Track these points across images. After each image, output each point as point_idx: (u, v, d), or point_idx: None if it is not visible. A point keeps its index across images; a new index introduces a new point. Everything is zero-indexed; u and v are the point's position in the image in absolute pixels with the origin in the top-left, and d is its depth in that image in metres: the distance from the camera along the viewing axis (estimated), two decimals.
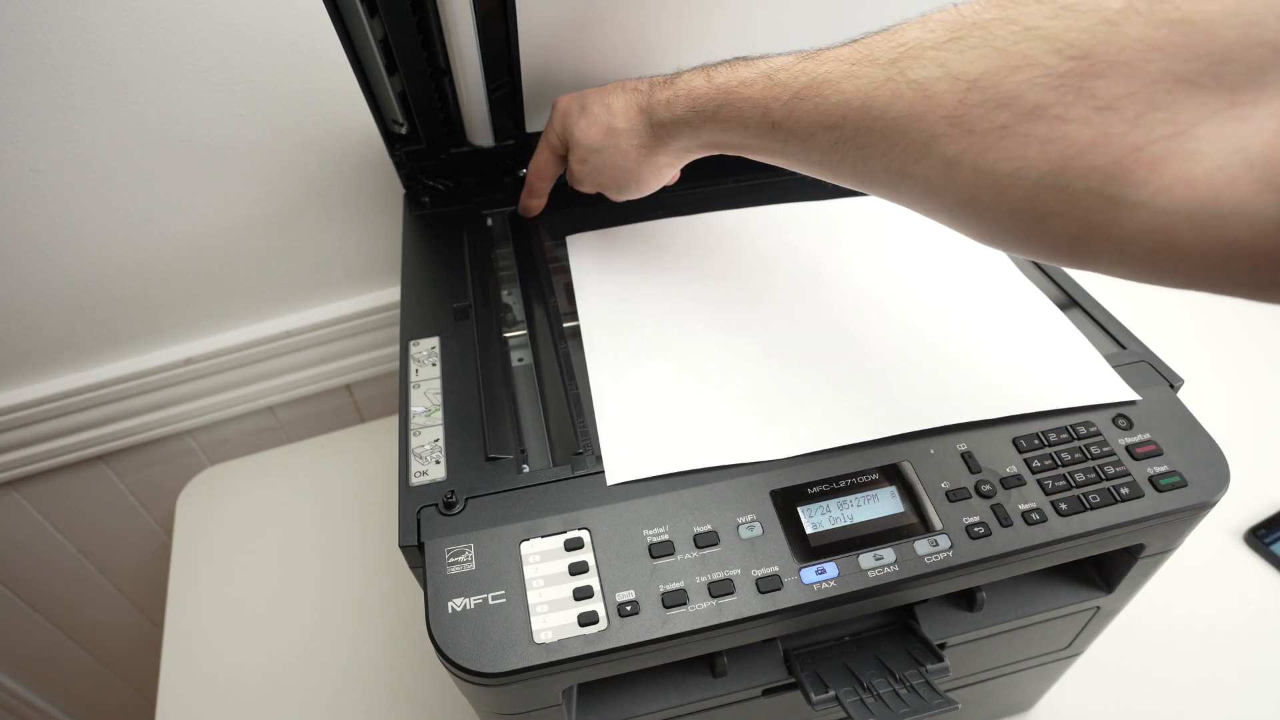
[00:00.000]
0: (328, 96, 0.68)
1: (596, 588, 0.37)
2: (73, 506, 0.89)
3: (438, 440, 0.44)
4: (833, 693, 0.41)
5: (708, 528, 0.39)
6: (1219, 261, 0.26)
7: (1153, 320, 0.58)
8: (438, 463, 0.42)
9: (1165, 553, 0.46)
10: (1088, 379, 0.45)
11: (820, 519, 0.40)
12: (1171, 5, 0.26)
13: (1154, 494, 0.41)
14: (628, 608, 0.37)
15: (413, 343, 0.49)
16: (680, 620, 0.37)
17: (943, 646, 0.46)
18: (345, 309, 0.84)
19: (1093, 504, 0.41)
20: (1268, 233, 0.25)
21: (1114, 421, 0.44)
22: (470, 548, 0.38)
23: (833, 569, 0.38)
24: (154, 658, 0.72)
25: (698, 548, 0.39)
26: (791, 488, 0.41)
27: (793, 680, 0.43)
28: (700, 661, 0.44)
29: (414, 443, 0.43)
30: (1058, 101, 0.28)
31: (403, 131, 0.59)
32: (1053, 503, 0.41)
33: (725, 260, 0.56)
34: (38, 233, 0.67)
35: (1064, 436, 0.43)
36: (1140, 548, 0.44)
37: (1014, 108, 0.29)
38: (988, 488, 0.41)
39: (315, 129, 0.70)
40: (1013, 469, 0.42)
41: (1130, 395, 0.44)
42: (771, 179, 0.64)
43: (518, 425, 0.46)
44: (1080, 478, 0.42)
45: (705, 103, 0.42)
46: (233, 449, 0.92)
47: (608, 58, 0.53)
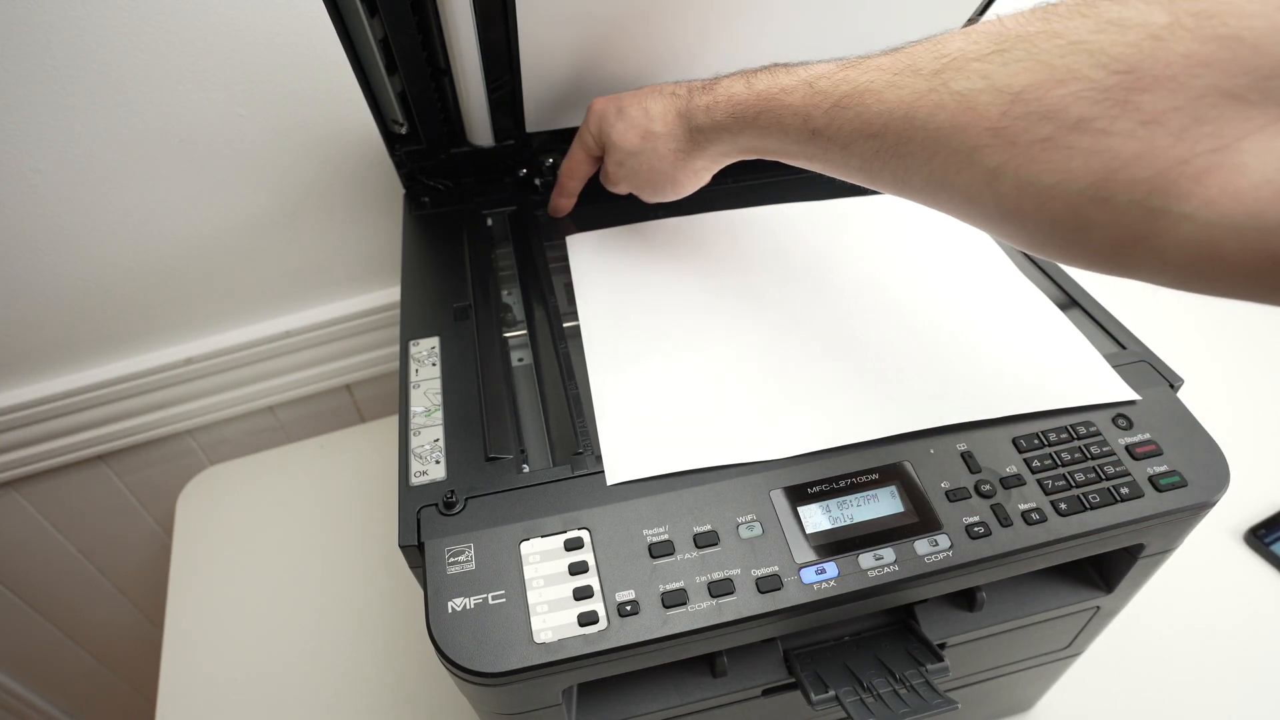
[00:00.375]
0: (328, 96, 0.68)
1: (596, 588, 0.37)
2: (73, 506, 0.89)
3: (438, 440, 0.44)
4: (833, 693, 0.41)
5: (708, 528, 0.39)
6: (1263, 273, 0.27)
7: (1153, 320, 0.58)
8: (438, 463, 0.42)
9: (1165, 553, 0.46)
10: (1088, 379, 0.45)
11: (820, 519, 0.40)
12: (1219, 21, 0.26)
13: (1154, 494, 0.41)
14: (628, 608, 0.37)
15: (413, 343, 0.49)
16: (680, 620, 0.37)
17: (943, 646, 0.46)
18: (345, 309, 0.84)
19: (1093, 504, 0.41)
20: None
21: (1114, 421, 0.44)
22: (470, 548, 0.38)
23: (833, 569, 0.38)
24: (154, 658, 0.72)
25: (698, 548, 0.39)
26: (791, 488, 0.41)
27: (793, 680, 0.43)
28: (700, 661, 0.44)
29: (414, 443, 0.43)
30: (1102, 115, 0.28)
31: (403, 131, 0.59)
32: (1053, 503, 0.41)
33: (725, 260, 0.55)
34: (38, 233, 0.67)
35: (1064, 436, 0.43)
36: (1140, 548, 0.44)
37: (1058, 120, 0.29)
38: (988, 487, 0.41)
39: (315, 129, 0.70)
40: (1013, 469, 0.42)
41: (1130, 395, 0.44)
42: (772, 179, 0.64)
43: (518, 425, 0.46)
44: (1080, 477, 0.42)
45: (745, 109, 0.42)
46: (233, 449, 0.92)
47: (608, 57, 0.53)
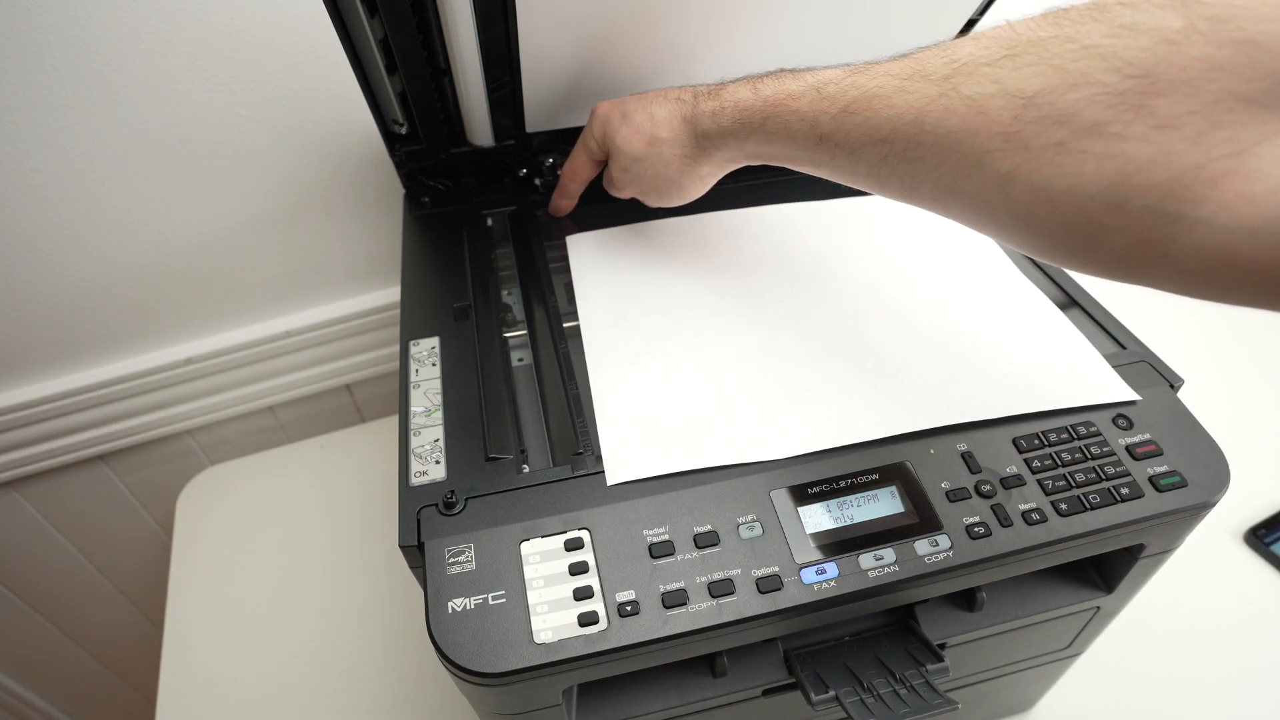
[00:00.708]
0: (328, 96, 0.68)
1: (596, 588, 0.37)
2: (73, 506, 0.89)
3: (438, 440, 0.44)
4: (833, 693, 0.41)
5: (708, 528, 0.39)
6: (1277, 279, 0.27)
7: (1153, 320, 0.58)
8: (438, 463, 0.42)
9: (1165, 553, 0.46)
10: (1088, 379, 0.45)
11: (821, 519, 0.40)
12: (1234, 26, 0.26)
13: (1154, 494, 0.41)
14: (628, 608, 0.37)
15: (413, 343, 0.49)
16: (680, 620, 0.37)
17: (943, 646, 0.46)
18: (345, 309, 0.84)
19: (1093, 504, 0.41)
20: None
21: (1114, 421, 0.44)
22: (470, 548, 0.38)
23: (833, 569, 0.38)
24: (154, 658, 0.72)
25: (698, 548, 0.39)
26: (792, 488, 0.41)
27: (793, 680, 0.43)
28: (700, 661, 0.44)
29: (414, 443, 0.43)
30: (1116, 119, 0.28)
31: (403, 131, 0.59)
32: (1053, 503, 0.41)
33: (725, 260, 0.55)
34: (38, 233, 0.67)
35: (1064, 436, 0.43)
36: (1140, 548, 0.44)
37: (1071, 124, 0.29)
38: (988, 488, 0.41)
39: (315, 129, 0.70)
40: (1013, 469, 0.42)
41: (1130, 395, 0.44)
42: (771, 179, 0.64)
43: (518, 425, 0.46)
44: (1080, 478, 0.42)
45: (751, 115, 0.42)
46: (233, 449, 0.92)
47: (608, 58, 0.53)
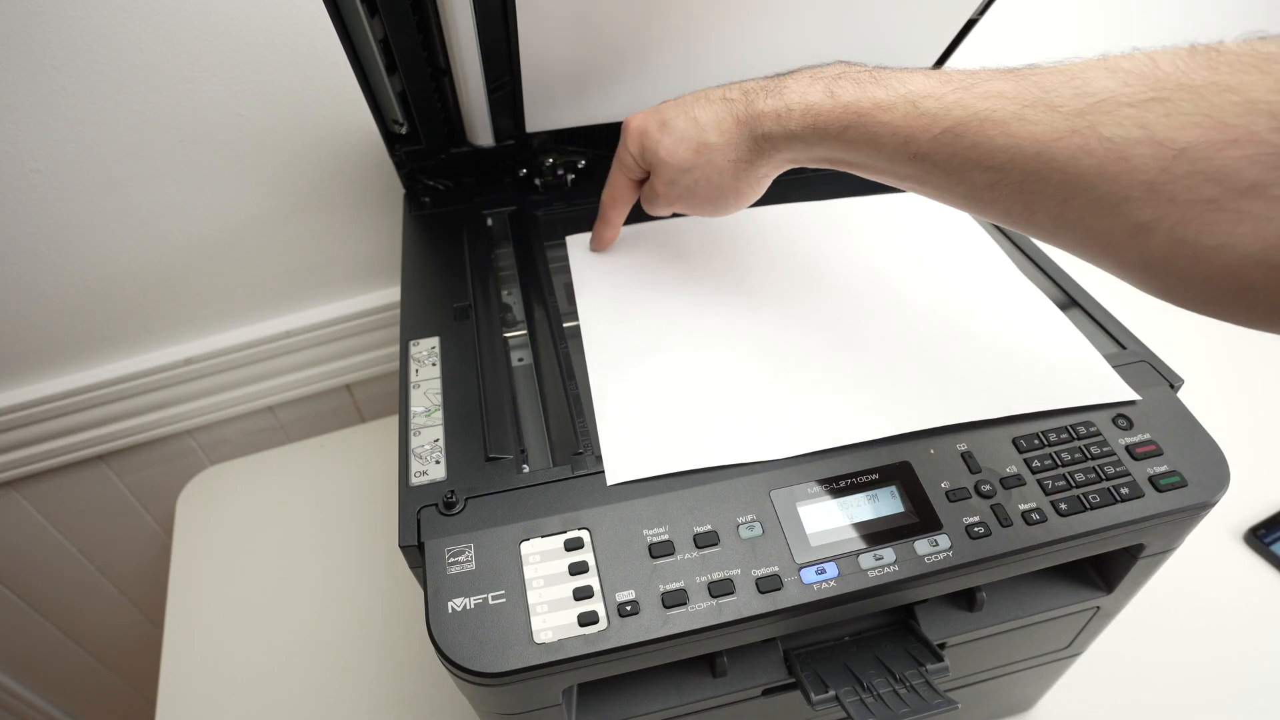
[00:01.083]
0: (328, 96, 0.68)
1: (596, 588, 0.37)
2: (73, 506, 0.89)
3: (438, 440, 0.44)
4: (833, 693, 0.41)
5: (708, 528, 0.39)
6: None
7: (1153, 320, 0.58)
8: (438, 463, 0.42)
9: (1165, 553, 0.46)
10: (1088, 379, 0.45)
11: (820, 519, 0.40)
12: None
13: (1154, 494, 0.41)
14: (628, 608, 0.37)
15: (413, 343, 0.49)
16: (680, 620, 0.37)
17: (943, 646, 0.46)
18: (345, 309, 0.84)
19: (1093, 504, 0.41)
20: None
21: (1114, 421, 0.44)
22: (470, 548, 0.38)
23: (833, 569, 0.38)
24: (154, 658, 0.72)
25: (698, 548, 0.39)
26: (792, 488, 0.41)
27: (793, 680, 0.43)
28: (700, 661, 0.44)
29: (414, 443, 0.43)
30: (1278, 182, 0.27)
31: (403, 131, 0.58)
32: (1053, 503, 0.41)
33: (726, 260, 0.55)
34: (38, 233, 0.67)
35: (1064, 436, 0.43)
36: (1140, 548, 0.44)
37: (1227, 183, 0.28)
38: (988, 488, 0.41)
39: (315, 129, 0.70)
40: (1013, 469, 0.42)
41: (1130, 395, 0.44)
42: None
43: (518, 425, 0.46)
44: (1080, 478, 0.42)
45: (829, 121, 0.39)
46: (233, 449, 0.92)
47: (609, 58, 0.53)
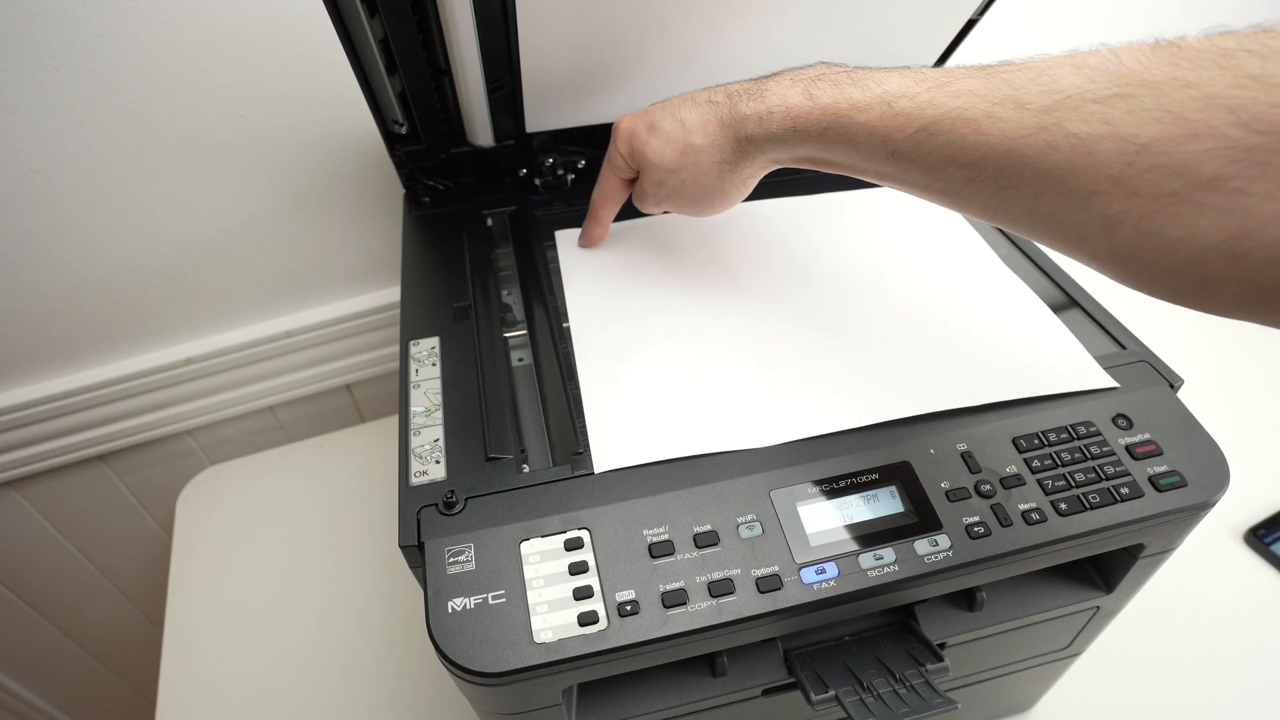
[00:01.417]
0: (328, 96, 0.68)
1: (596, 588, 0.37)
2: (73, 506, 0.89)
3: (438, 440, 0.44)
4: (833, 692, 0.41)
5: (708, 527, 0.39)
6: None
7: (1153, 320, 0.58)
8: (438, 463, 0.42)
9: (1165, 553, 0.46)
10: (1070, 368, 0.46)
11: (820, 519, 0.40)
12: None
13: (1154, 494, 0.41)
14: (628, 607, 0.37)
15: (413, 343, 0.49)
16: (680, 620, 0.37)
17: (943, 646, 0.46)
18: (345, 309, 0.84)
19: (1092, 504, 0.41)
20: None
21: (1114, 421, 0.44)
22: (470, 548, 0.38)
23: (833, 569, 0.38)
24: (154, 658, 0.72)
25: (698, 547, 0.39)
26: (792, 488, 0.41)
27: (793, 680, 0.43)
28: (700, 661, 0.44)
29: (414, 443, 0.43)
30: (1239, 175, 0.27)
31: (403, 131, 0.59)
32: (1052, 502, 0.41)
33: (714, 253, 0.56)
34: (37, 233, 0.67)
35: (1064, 436, 0.43)
36: (1140, 548, 0.44)
37: (1188, 177, 0.28)
38: (988, 488, 0.41)
39: (315, 129, 0.70)
40: (1012, 469, 0.42)
41: (1110, 383, 0.45)
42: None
43: (518, 425, 0.46)
44: (1080, 477, 0.42)
45: (808, 123, 0.40)
46: (233, 449, 0.92)
47: (609, 58, 0.53)
